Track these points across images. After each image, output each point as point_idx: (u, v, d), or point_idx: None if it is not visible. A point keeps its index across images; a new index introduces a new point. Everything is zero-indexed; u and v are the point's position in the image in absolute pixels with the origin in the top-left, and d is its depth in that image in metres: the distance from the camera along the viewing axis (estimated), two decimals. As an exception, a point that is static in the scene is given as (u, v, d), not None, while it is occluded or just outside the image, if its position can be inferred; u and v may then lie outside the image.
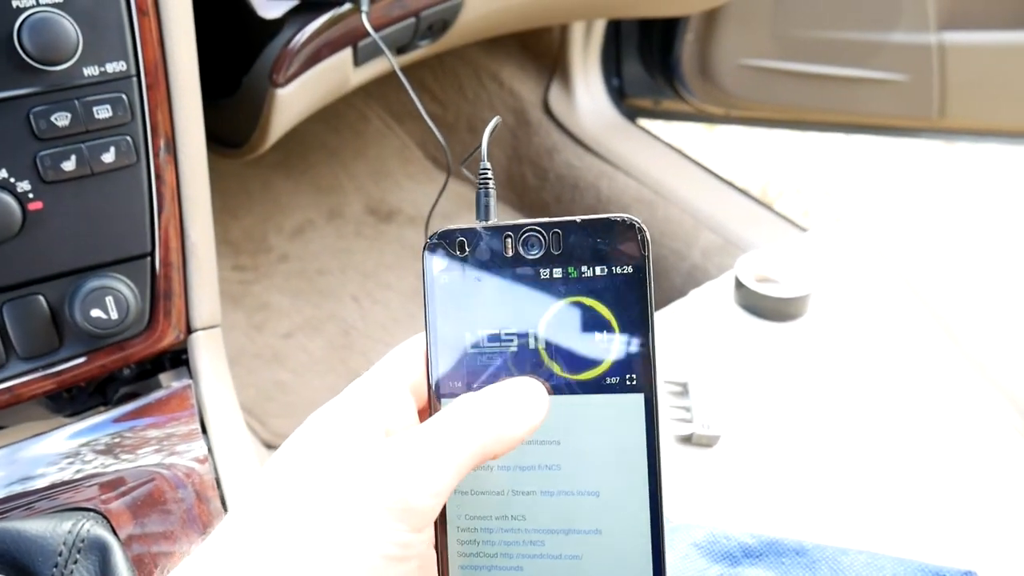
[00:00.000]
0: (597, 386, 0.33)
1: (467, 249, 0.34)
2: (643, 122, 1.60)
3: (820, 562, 0.59)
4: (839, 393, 0.75)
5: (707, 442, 0.70)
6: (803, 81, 1.41)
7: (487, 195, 0.36)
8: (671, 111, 1.60)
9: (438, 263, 0.34)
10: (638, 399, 0.33)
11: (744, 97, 1.48)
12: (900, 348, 0.80)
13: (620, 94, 1.60)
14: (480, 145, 0.37)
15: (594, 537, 0.33)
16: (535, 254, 0.34)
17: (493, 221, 0.35)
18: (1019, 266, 0.89)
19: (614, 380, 0.33)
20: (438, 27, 0.94)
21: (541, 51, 1.57)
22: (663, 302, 0.89)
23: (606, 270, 0.33)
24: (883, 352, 0.79)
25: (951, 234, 0.93)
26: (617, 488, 0.33)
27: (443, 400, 0.34)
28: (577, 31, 1.51)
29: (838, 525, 0.64)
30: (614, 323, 0.33)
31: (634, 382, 0.33)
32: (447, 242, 0.34)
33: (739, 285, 0.83)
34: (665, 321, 0.83)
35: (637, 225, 0.33)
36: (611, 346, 0.33)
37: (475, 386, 0.34)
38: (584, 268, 0.34)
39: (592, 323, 0.33)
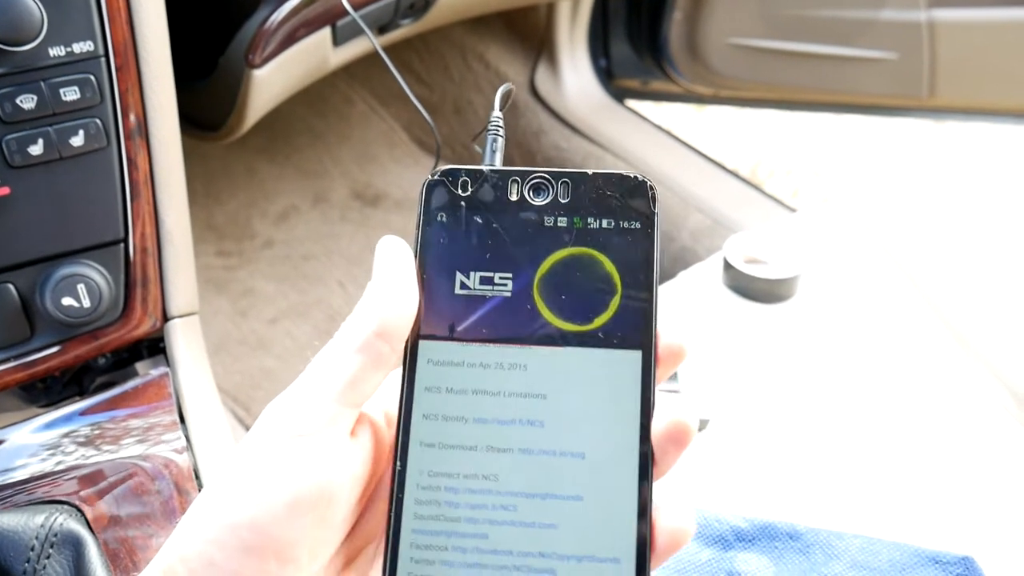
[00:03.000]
0: (593, 339, 0.31)
1: (470, 189, 0.33)
2: (631, 103, 1.58)
3: (814, 546, 0.58)
4: (830, 375, 0.74)
5: (697, 426, 0.69)
6: (792, 60, 1.39)
7: (496, 141, 0.36)
8: (659, 92, 1.59)
9: (437, 200, 0.33)
10: (635, 356, 0.31)
11: (733, 77, 1.47)
12: (890, 329, 0.79)
13: (608, 75, 1.59)
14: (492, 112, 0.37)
15: (573, 504, 0.30)
16: (541, 200, 0.33)
17: (500, 166, 0.34)
18: (1009, 246, 0.88)
19: (611, 335, 0.31)
20: (419, 5, 0.92)
21: (527, 31, 1.55)
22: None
23: (613, 223, 0.32)
24: (873, 333, 0.78)
25: (940, 214, 0.92)
26: (605, 451, 0.31)
27: (422, 342, 0.32)
28: (564, 10, 1.49)
29: (832, 509, 0.63)
30: (616, 277, 0.32)
31: (632, 339, 0.31)
32: (450, 180, 0.33)
33: (728, 266, 0.82)
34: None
35: (649, 183, 0.32)
36: (611, 300, 0.32)
37: (459, 329, 0.32)
38: (591, 219, 0.32)
39: (594, 274, 0.32)
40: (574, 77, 1.54)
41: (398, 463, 0.31)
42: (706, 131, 1.91)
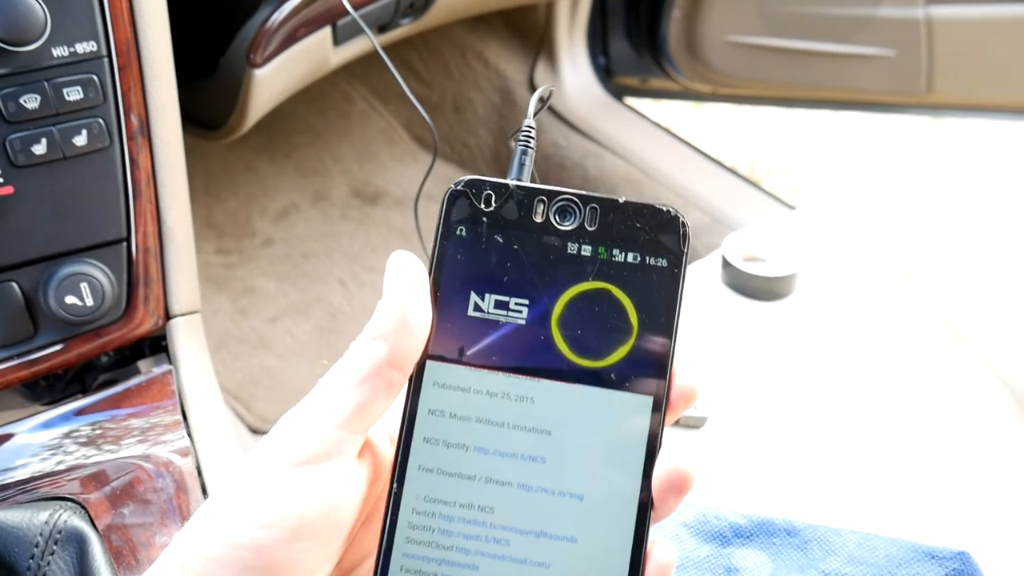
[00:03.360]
0: (604, 379, 0.31)
1: (494, 204, 0.31)
2: (630, 100, 1.58)
3: (811, 542, 0.58)
4: (828, 372, 0.75)
5: (695, 423, 0.69)
6: (790, 57, 1.40)
7: (525, 153, 0.34)
8: (658, 89, 1.59)
9: (457, 212, 0.31)
10: (646, 401, 0.31)
11: (731, 74, 1.47)
12: (888, 326, 0.79)
13: (607, 72, 1.59)
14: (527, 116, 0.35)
15: (567, 545, 0.30)
16: (567, 225, 0.31)
17: (527, 182, 0.33)
18: (1007, 242, 0.88)
19: (624, 377, 0.31)
20: (419, 4, 0.93)
21: (527, 29, 1.56)
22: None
23: (639, 258, 0.31)
24: (871, 330, 0.79)
25: (938, 210, 0.92)
26: (604, 495, 0.30)
27: (429, 363, 0.31)
28: (562, 8, 1.50)
29: (829, 505, 0.63)
30: (636, 316, 0.31)
31: (645, 383, 0.31)
32: (474, 192, 0.31)
33: (726, 264, 0.82)
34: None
35: (681, 219, 0.31)
36: (628, 340, 0.31)
37: (469, 353, 0.31)
38: (616, 251, 0.31)
39: (614, 311, 0.31)
40: (573, 75, 1.55)
41: (395, 485, 0.31)
42: (705, 128, 1.91)
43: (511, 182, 0.32)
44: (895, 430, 0.69)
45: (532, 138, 0.34)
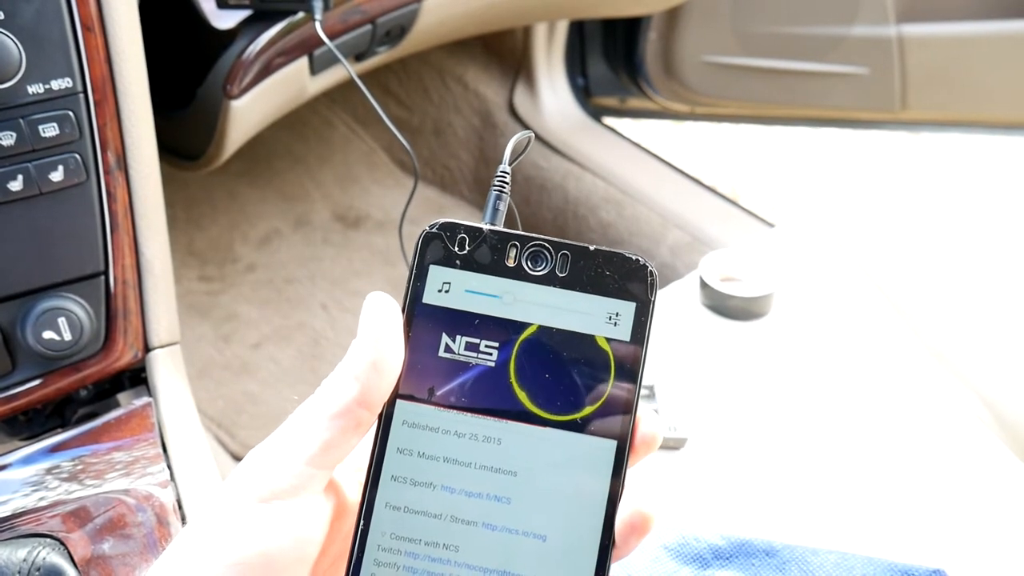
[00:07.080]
0: (570, 422, 0.31)
1: (467, 247, 0.32)
2: (609, 121, 1.60)
3: (790, 563, 0.59)
4: (805, 391, 0.75)
5: (674, 444, 0.70)
6: (766, 76, 1.41)
7: (500, 199, 0.35)
8: (637, 109, 1.60)
9: (432, 254, 0.32)
10: (610, 445, 0.31)
11: (708, 94, 1.48)
12: (865, 344, 0.80)
13: (585, 93, 1.60)
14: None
15: None
16: (538, 270, 0.32)
17: (500, 227, 0.34)
18: (982, 259, 0.89)
19: (589, 420, 0.31)
20: (395, 33, 0.93)
21: (505, 52, 1.57)
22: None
23: (607, 305, 0.32)
24: (848, 349, 0.80)
25: (915, 228, 0.93)
26: (566, 536, 0.31)
27: (399, 402, 0.32)
28: (540, 32, 1.51)
29: (808, 525, 0.64)
30: (604, 360, 0.32)
31: (610, 427, 0.31)
32: (448, 234, 0.32)
33: (704, 285, 0.83)
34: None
35: (649, 268, 0.32)
36: (595, 384, 0.32)
37: (438, 393, 0.32)
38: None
39: (581, 356, 0.32)
40: (552, 96, 1.56)
41: (362, 522, 0.31)
42: (685, 147, 1.93)
43: (485, 226, 0.33)
44: (873, 448, 0.70)
45: (506, 183, 0.35)
